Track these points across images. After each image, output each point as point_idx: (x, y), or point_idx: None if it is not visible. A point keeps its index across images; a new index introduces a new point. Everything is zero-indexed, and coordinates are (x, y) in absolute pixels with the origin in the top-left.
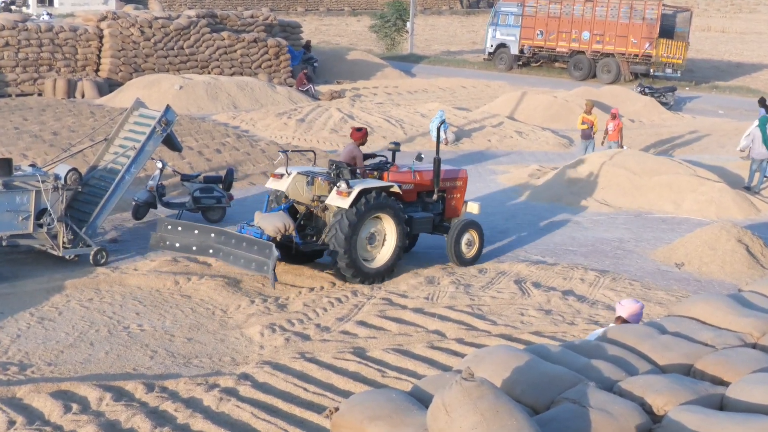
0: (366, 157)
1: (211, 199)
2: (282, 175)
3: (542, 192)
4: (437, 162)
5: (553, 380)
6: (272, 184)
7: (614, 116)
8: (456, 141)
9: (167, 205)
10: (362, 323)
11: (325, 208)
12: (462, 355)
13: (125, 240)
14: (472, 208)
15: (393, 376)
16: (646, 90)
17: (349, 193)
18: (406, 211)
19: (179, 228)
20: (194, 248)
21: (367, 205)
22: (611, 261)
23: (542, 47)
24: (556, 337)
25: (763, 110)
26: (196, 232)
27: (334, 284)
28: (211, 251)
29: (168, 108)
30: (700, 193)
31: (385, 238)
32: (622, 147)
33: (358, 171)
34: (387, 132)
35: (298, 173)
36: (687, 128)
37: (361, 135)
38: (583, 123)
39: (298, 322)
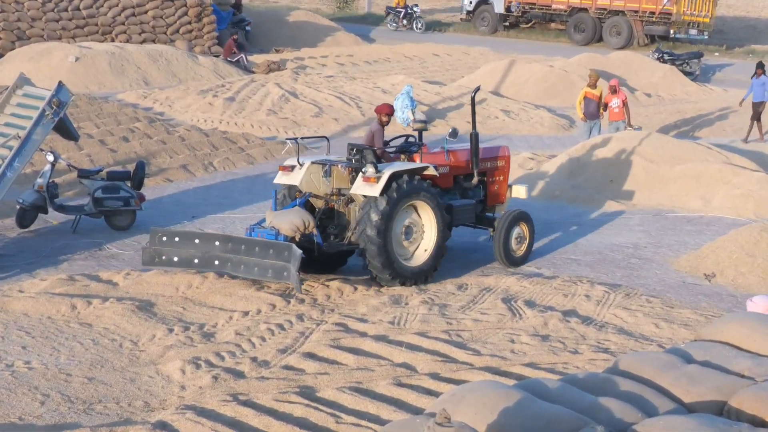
0: (387, 143)
1: (116, 201)
2: (293, 167)
3: (537, 187)
4: (475, 138)
5: (551, 423)
6: (283, 179)
7: (614, 90)
8: (426, 123)
9: (61, 208)
10: (310, 355)
11: (349, 201)
12: (437, 394)
13: (8, 254)
14: (519, 191)
15: (350, 422)
16: (666, 56)
17: (378, 179)
18: (443, 199)
19: (176, 238)
20: (196, 261)
21: (401, 191)
22: (624, 272)
23: (534, 4)
24: (555, 369)
25: (764, 77)
26: (197, 241)
27: (274, 306)
28: (217, 262)
29: (61, 85)
30: (734, 186)
31: (423, 230)
32: (631, 127)
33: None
34: (339, 113)
35: (313, 163)
36: (717, 104)
37: (384, 110)
38: (583, 100)
39: (229, 355)
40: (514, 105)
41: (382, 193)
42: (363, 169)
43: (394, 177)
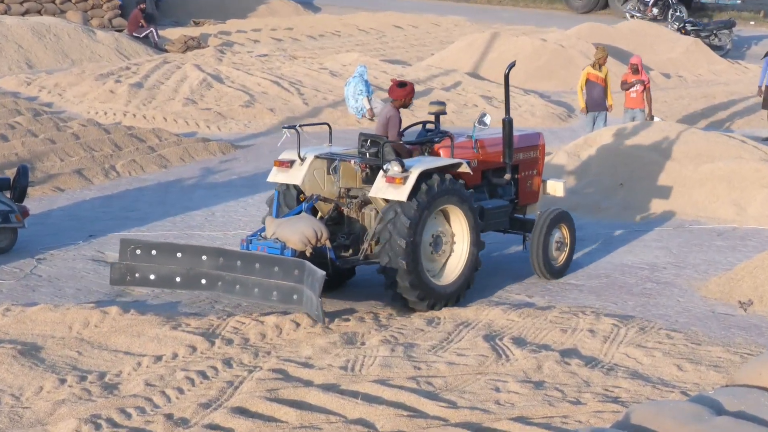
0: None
1: None
2: (292, 162)
3: None
4: (509, 125)
5: None
6: (279, 177)
7: (636, 69)
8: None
9: None
10: (241, 411)
11: (363, 204)
12: None
13: None
14: (554, 188)
15: None
16: (688, 26)
17: (404, 179)
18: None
19: (153, 251)
20: (178, 279)
21: (431, 194)
22: (638, 300)
23: None
24: (551, 424)
25: None
26: (179, 255)
27: (195, 349)
28: (204, 281)
29: None
30: None
31: (454, 241)
32: (651, 118)
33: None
34: (276, 101)
35: (316, 157)
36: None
37: (402, 93)
38: (585, 85)
39: (138, 411)
40: (498, 90)
41: (410, 197)
42: (385, 167)
43: (423, 177)
